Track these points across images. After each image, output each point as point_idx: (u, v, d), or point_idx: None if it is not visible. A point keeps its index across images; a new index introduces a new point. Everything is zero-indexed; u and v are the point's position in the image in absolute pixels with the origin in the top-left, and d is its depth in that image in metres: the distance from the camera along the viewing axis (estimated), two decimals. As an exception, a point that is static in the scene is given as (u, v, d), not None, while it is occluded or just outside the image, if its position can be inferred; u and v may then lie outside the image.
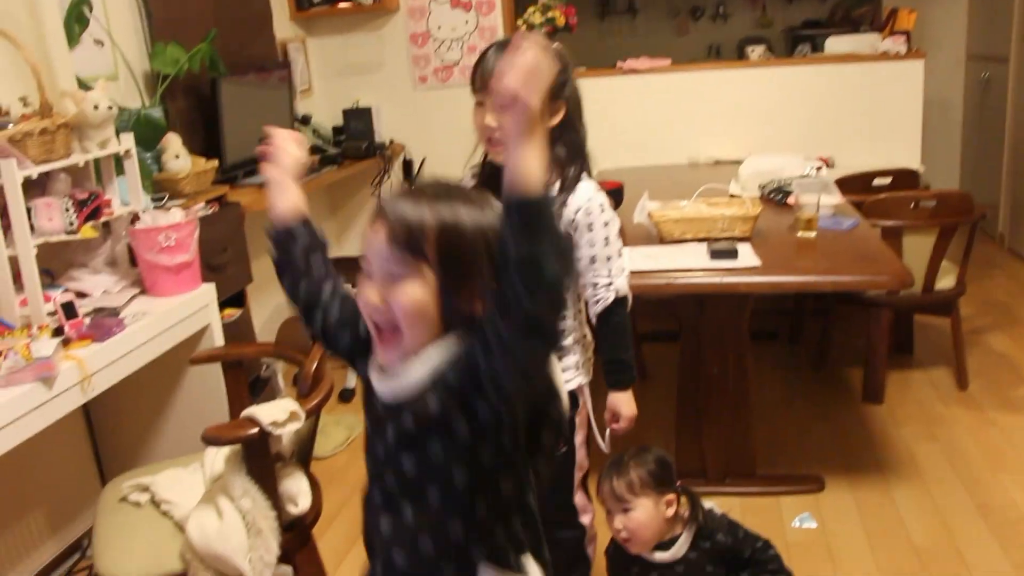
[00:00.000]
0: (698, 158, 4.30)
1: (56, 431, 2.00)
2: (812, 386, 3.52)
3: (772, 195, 3.26)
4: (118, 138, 2.29)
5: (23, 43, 2.09)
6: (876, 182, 3.60)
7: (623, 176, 3.37)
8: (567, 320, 1.82)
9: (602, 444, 1.95)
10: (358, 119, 4.29)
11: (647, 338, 3.75)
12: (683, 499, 1.98)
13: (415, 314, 1.06)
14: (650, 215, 2.81)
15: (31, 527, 2.44)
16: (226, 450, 1.93)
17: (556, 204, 1.74)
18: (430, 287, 1.06)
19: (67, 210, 2.09)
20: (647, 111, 4.35)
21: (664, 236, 2.77)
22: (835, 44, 4.37)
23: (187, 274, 2.34)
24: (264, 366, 3.16)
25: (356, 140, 4.17)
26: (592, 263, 1.80)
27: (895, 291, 3.17)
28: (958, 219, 3.15)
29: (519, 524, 1.16)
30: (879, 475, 2.81)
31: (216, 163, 2.97)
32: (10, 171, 1.91)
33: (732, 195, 3.24)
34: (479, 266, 1.05)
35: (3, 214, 1.95)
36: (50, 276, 2.24)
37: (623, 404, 1.89)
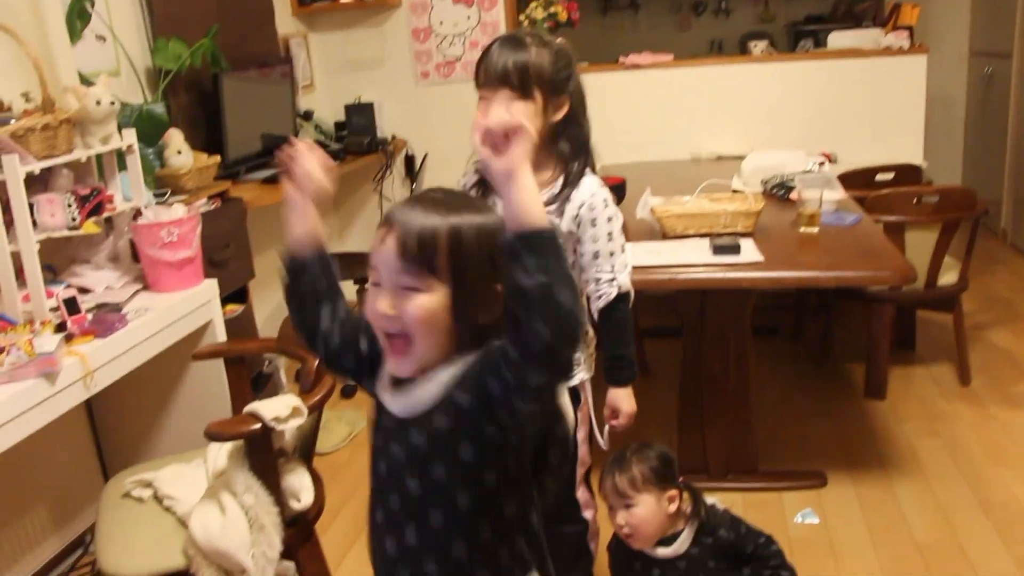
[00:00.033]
0: (700, 153, 4.29)
1: (59, 427, 2.00)
2: (814, 382, 3.52)
3: (775, 190, 3.25)
4: (120, 134, 2.29)
5: (25, 38, 2.09)
6: (879, 178, 3.59)
7: (625, 171, 3.37)
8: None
9: (601, 441, 1.95)
10: (360, 115, 4.28)
11: (649, 334, 3.75)
12: (685, 495, 1.98)
13: (427, 324, 1.06)
14: (653, 210, 2.80)
15: (34, 523, 2.44)
16: (229, 446, 1.94)
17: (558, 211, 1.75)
18: (442, 297, 1.06)
19: (69, 206, 2.09)
20: (649, 106, 4.34)
21: (667, 231, 2.77)
22: (838, 39, 4.36)
23: (189, 270, 2.34)
24: (266, 362, 3.16)
25: (358, 136, 4.17)
26: (595, 258, 1.79)
27: (897, 287, 3.17)
28: (961, 215, 3.15)
29: (523, 543, 1.16)
30: (881, 471, 2.81)
31: (218, 159, 2.97)
32: (12, 167, 1.91)
33: (735, 190, 3.23)
34: (489, 275, 1.06)
35: (5, 210, 1.95)
36: (52, 272, 2.24)
37: (623, 400, 1.89)
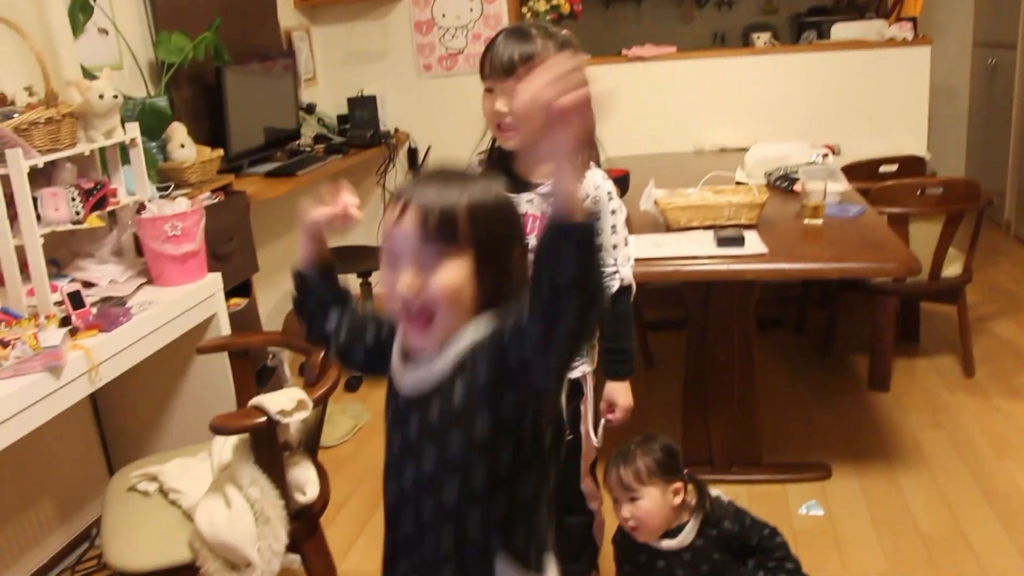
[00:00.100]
0: (703, 146, 4.28)
1: (64, 421, 2.01)
2: (818, 374, 3.51)
3: (778, 182, 3.25)
4: (123, 127, 2.29)
5: (28, 32, 2.08)
6: (882, 169, 3.58)
7: (628, 164, 3.36)
8: None
9: (594, 439, 1.93)
10: (363, 108, 4.27)
11: (653, 326, 3.74)
12: (690, 487, 1.98)
13: (453, 295, 1.06)
14: (656, 203, 2.80)
15: (39, 517, 2.45)
16: (234, 439, 1.94)
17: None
18: (466, 267, 1.06)
19: (73, 199, 2.09)
20: (652, 99, 4.33)
21: (670, 224, 2.76)
22: (841, 31, 4.35)
23: (193, 263, 2.34)
24: (270, 355, 3.16)
25: (361, 129, 4.16)
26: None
27: (902, 278, 3.16)
28: (965, 206, 3.14)
29: (540, 523, 1.16)
30: (885, 462, 2.81)
31: (221, 152, 2.97)
32: (16, 161, 1.90)
33: (738, 182, 3.22)
34: (509, 241, 1.09)
35: (9, 204, 1.94)
36: (56, 266, 2.25)
37: (620, 394, 1.89)
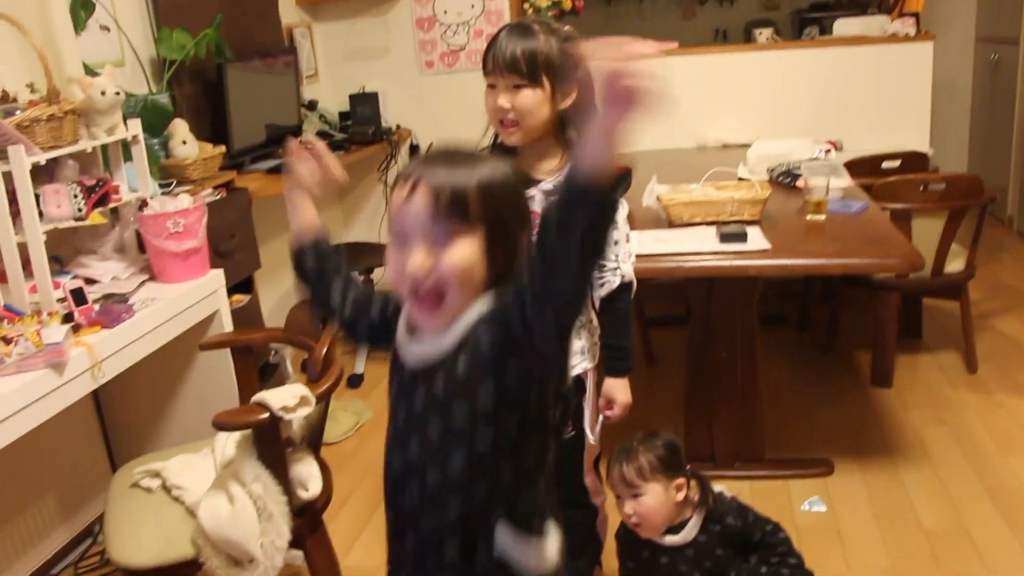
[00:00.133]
0: (706, 142, 4.28)
1: (67, 417, 2.01)
2: (821, 370, 3.51)
3: (781, 178, 3.24)
4: (125, 124, 2.29)
5: (29, 29, 2.08)
6: (885, 165, 3.57)
7: (631, 159, 3.35)
8: None
9: (591, 437, 1.92)
10: (364, 104, 4.27)
11: (656, 322, 3.74)
12: (693, 483, 1.98)
13: (464, 274, 1.08)
14: (659, 199, 2.80)
15: (42, 513, 2.45)
16: (236, 435, 1.94)
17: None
18: (477, 247, 1.08)
19: (75, 196, 2.09)
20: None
21: (673, 219, 2.76)
22: (843, 26, 4.34)
23: (195, 260, 2.34)
24: (273, 352, 3.17)
25: (362, 125, 4.15)
26: (600, 246, 1.78)
27: (904, 274, 3.16)
28: (967, 202, 3.14)
29: (543, 493, 1.17)
30: (888, 458, 2.81)
31: (223, 149, 2.97)
32: (18, 157, 1.90)
33: (741, 178, 3.23)
34: (517, 223, 1.11)
35: (12, 200, 1.94)
36: (59, 263, 2.25)
37: (618, 391, 1.88)
